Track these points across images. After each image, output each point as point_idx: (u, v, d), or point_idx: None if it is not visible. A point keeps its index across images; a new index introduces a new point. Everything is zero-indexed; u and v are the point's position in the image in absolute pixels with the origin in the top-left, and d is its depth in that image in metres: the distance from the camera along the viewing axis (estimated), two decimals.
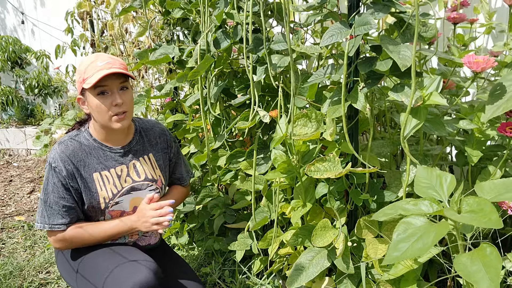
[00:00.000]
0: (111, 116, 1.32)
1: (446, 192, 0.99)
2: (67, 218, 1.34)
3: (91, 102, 1.32)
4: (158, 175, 1.50)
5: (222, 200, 1.93)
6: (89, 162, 1.36)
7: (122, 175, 1.41)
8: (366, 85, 1.24)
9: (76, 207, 1.36)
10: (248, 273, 1.82)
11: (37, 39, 4.91)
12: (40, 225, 1.35)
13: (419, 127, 1.14)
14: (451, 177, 1.01)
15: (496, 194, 0.94)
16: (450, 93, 1.54)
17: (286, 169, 1.45)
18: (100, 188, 1.38)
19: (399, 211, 0.96)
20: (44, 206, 1.34)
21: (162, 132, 1.54)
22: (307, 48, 1.37)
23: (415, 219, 0.93)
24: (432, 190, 1.00)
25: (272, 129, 1.69)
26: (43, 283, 2.00)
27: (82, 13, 3.22)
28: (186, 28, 1.94)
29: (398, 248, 0.89)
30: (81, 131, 1.41)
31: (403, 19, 1.25)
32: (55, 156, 1.34)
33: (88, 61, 1.33)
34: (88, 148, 1.38)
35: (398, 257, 0.88)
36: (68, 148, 1.35)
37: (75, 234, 1.35)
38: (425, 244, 0.86)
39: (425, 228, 0.90)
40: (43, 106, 4.89)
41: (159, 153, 1.52)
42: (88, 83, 1.28)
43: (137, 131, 1.48)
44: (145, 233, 1.52)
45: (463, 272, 0.83)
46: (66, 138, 1.39)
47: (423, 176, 1.05)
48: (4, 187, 3.52)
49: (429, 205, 0.95)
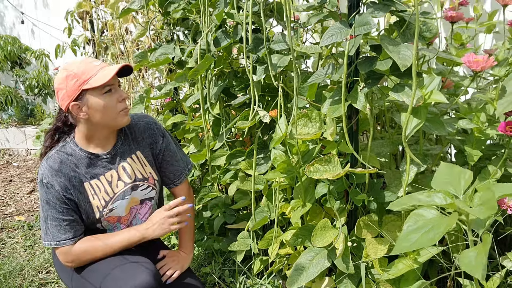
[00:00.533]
0: (119, 111, 1.31)
1: (462, 188, 1.00)
2: (71, 232, 1.33)
3: (95, 103, 1.28)
4: (148, 172, 1.46)
5: (222, 200, 1.93)
6: (78, 172, 1.34)
7: (113, 181, 1.39)
8: (366, 85, 1.24)
9: (77, 219, 1.35)
10: (248, 273, 1.82)
11: (36, 38, 4.91)
12: (47, 243, 1.33)
13: (420, 126, 1.14)
14: (469, 174, 1.01)
15: None
16: (449, 93, 1.54)
17: (286, 169, 1.45)
18: (92, 197, 1.36)
19: (413, 202, 0.98)
20: (46, 224, 1.33)
21: (147, 126, 1.47)
22: (307, 48, 1.37)
23: (426, 211, 0.94)
24: (449, 185, 1.01)
25: (272, 129, 1.69)
26: (43, 283, 2.00)
27: (82, 12, 3.21)
28: (186, 28, 1.94)
29: (408, 239, 0.90)
30: (67, 142, 1.37)
31: (403, 18, 1.25)
32: (44, 172, 1.31)
33: (81, 64, 1.29)
34: (75, 158, 1.35)
35: (408, 247, 0.89)
36: (56, 161, 1.32)
37: (85, 249, 1.33)
38: (436, 234, 0.87)
39: (436, 220, 0.91)
40: (43, 106, 4.89)
41: (147, 149, 1.46)
42: (97, 81, 1.25)
43: (121, 132, 1.43)
44: None
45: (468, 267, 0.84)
46: (53, 152, 1.35)
47: (445, 172, 1.06)
48: (4, 187, 3.52)
49: (442, 197, 0.96)
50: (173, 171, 1.53)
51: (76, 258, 1.34)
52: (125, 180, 1.41)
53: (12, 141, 4.58)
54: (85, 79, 1.26)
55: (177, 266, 1.49)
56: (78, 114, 1.30)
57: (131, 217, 1.46)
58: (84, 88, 1.26)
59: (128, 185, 1.41)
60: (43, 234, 1.34)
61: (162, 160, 1.50)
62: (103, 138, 1.37)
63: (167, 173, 1.53)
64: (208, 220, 2.03)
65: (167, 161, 1.51)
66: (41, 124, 3.72)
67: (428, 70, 1.55)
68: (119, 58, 3.06)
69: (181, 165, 1.55)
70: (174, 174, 1.54)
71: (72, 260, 1.34)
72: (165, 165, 1.51)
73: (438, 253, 1.17)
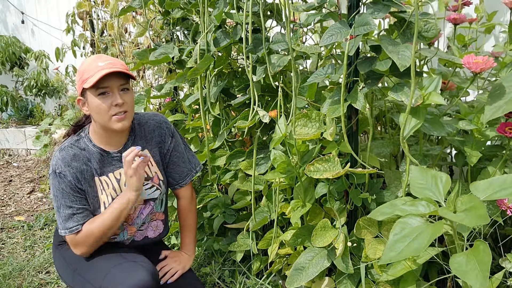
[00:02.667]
0: (111, 116, 1.30)
1: (442, 192, 0.99)
2: (82, 220, 1.34)
3: (92, 102, 1.31)
4: (154, 172, 1.46)
5: (221, 200, 1.93)
6: (90, 166, 1.36)
7: (122, 179, 1.41)
8: (366, 85, 1.24)
9: (89, 208, 1.37)
10: (248, 273, 1.82)
11: (37, 39, 4.91)
12: (63, 231, 1.34)
13: (418, 127, 1.14)
14: (446, 177, 1.01)
15: (492, 192, 0.94)
16: (451, 94, 1.54)
17: (286, 169, 1.45)
18: (101, 192, 1.38)
19: (396, 212, 0.97)
20: (59, 213, 1.35)
21: (157, 125, 1.48)
22: (307, 48, 1.37)
23: (412, 219, 0.93)
24: (428, 190, 1.00)
25: (271, 129, 1.69)
26: (42, 283, 2.00)
27: (82, 13, 3.22)
28: (186, 28, 1.94)
29: (394, 248, 0.90)
30: (81, 137, 1.40)
31: (403, 19, 1.25)
32: (57, 162, 1.34)
33: (89, 62, 1.32)
34: (88, 153, 1.37)
35: (394, 257, 0.89)
36: (69, 153, 1.35)
37: (87, 231, 1.34)
38: (421, 244, 0.87)
39: (421, 228, 0.90)
40: (42, 106, 4.89)
41: (155, 148, 1.47)
42: (89, 83, 1.27)
43: (132, 131, 1.45)
44: (141, 227, 1.50)
45: (458, 271, 0.84)
46: (66, 144, 1.38)
47: (418, 177, 1.05)
48: (4, 187, 3.52)
49: (426, 205, 0.95)
50: (179, 172, 1.53)
51: (82, 242, 1.35)
52: None
53: (12, 141, 4.58)
54: (85, 78, 1.29)
55: (179, 267, 1.49)
56: (81, 109, 1.36)
57: (135, 216, 1.46)
58: (84, 87, 1.29)
59: None
60: (59, 223, 1.36)
61: (169, 160, 1.50)
62: (109, 136, 1.39)
63: (173, 173, 1.53)
64: (208, 220, 2.03)
65: (174, 161, 1.51)
66: (41, 124, 3.72)
67: (430, 71, 1.55)
68: (119, 58, 3.06)
69: (187, 166, 1.55)
70: (179, 175, 1.54)
71: (81, 244, 1.35)
72: (172, 166, 1.51)
73: (438, 254, 1.17)
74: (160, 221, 1.55)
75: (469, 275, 0.82)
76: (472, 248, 0.88)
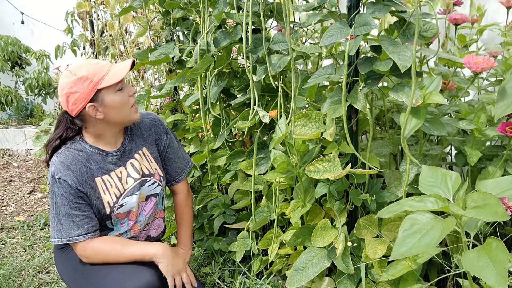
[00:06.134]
0: (131, 106, 1.34)
1: (451, 190, 0.99)
2: (84, 228, 1.32)
3: (112, 101, 1.29)
4: (154, 168, 1.49)
5: (221, 200, 1.93)
6: (90, 168, 1.35)
7: (123, 177, 1.41)
8: (366, 85, 1.24)
9: (90, 215, 1.34)
10: (248, 273, 1.82)
11: (37, 39, 4.91)
12: (57, 240, 1.32)
13: (419, 126, 1.14)
14: (456, 176, 1.01)
15: (500, 191, 0.95)
16: (451, 94, 1.54)
17: (286, 169, 1.45)
18: (103, 192, 1.37)
19: (404, 208, 0.96)
20: (57, 220, 1.32)
21: (152, 123, 1.51)
22: (307, 48, 1.37)
23: (421, 215, 0.93)
24: (437, 188, 1.00)
25: (272, 129, 1.69)
26: (42, 283, 2.00)
27: (82, 13, 3.21)
28: (186, 28, 1.94)
29: (405, 244, 0.89)
30: (76, 140, 1.37)
31: (403, 19, 1.24)
32: (56, 167, 1.31)
33: (88, 65, 1.29)
34: (86, 154, 1.35)
35: (405, 252, 0.88)
36: (67, 157, 1.32)
37: (101, 249, 1.33)
38: (432, 239, 0.86)
39: (431, 224, 0.90)
40: (43, 106, 4.89)
41: (152, 145, 1.50)
42: (109, 80, 1.26)
43: (127, 129, 1.46)
44: (145, 228, 1.51)
45: (471, 268, 0.83)
46: (62, 149, 1.35)
47: (428, 175, 1.05)
48: (4, 187, 3.52)
49: (434, 201, 0.94)
50: (175, 168, 1.58)
51: (90, 255, 1.34)
52: (134, 176, 1.43)
53: (12, 141, 4.57)
54: (98, 79, 1.27)
55: (180, 261, 1.49)
56: (94, 115, 1.29)
57: (138, 213, 1.47)
58: (99, 88, 1.27)
59: (137, 181, 1.43)
60: (54, 232, 1.33)
61: (165, 157, 1.55)
62: (112, 136, 1.39)
63: (170, 170, 1.57)
64: (208, 220, 2.03)
65: (170, 158, 1.56)
66: (41, 124, 3.72)
67: (430, 70, 1.55)
68: (119, 58, 3.06)
69: (182, 162, 1.60)
70: (176, 171, 1.58)
71: (88, 256, 1.34)
72: (168, 162, 1.56)
73: (438, 254, 1.17)
74: (161, 219, 1.60)
75: (482, 272, 0.81)
76: (484, 244, 0.88)
